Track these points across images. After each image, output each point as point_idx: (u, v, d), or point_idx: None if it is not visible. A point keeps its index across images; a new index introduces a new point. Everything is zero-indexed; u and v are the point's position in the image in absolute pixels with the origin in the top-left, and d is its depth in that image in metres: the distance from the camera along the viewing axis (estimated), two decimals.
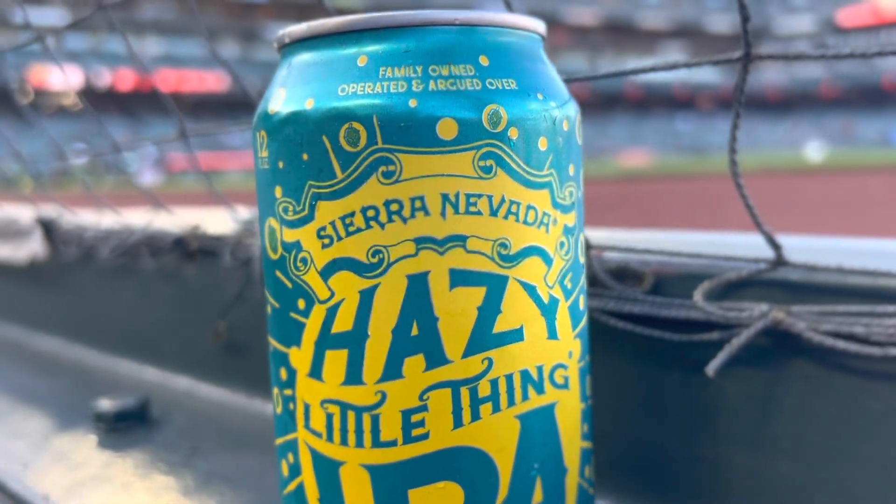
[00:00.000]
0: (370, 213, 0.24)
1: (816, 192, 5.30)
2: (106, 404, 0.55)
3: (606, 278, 0.35)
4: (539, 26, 0.27)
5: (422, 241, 0.24)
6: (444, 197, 0.24)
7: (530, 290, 0.25)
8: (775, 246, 0.29)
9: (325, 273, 0.24)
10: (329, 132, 0.24)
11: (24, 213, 0.87)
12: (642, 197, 5.31)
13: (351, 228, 0.24)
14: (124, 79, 40.74)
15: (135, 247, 0.67)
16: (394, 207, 0.24)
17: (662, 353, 0.34)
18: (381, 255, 0.24)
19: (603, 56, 60.17)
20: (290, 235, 0.25)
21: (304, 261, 0.25)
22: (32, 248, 0.81)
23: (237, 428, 0.54)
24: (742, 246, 0.33)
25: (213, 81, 43.13)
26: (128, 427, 0.54)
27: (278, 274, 0.26)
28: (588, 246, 0.37)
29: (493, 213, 0.24)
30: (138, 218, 0.74)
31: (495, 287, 0.24)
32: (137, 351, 0.70)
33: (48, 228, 0.80)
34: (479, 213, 0.24)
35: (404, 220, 0.24)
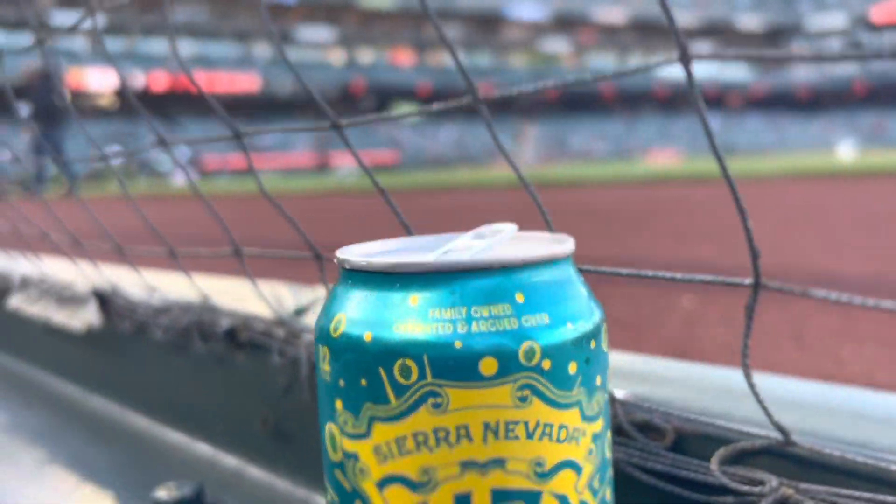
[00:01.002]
0: (420, 437, 0.27)
1: (846, 198, 5.22)
2: (164, 495, 0.59)
3: (631, 430, 0.38)
4: (569, 247, 0.31)
5: (466, 464, 0.27)
6: (486, 425, 0.27)
7: (562, 499, 0.28)
8: (783, 432, 0.32)
9: (381, 485, 0.28)
10: (385, 365, 0.27)
11: (80, 280, 0.92)
12: (673, 205, 5.27)
13: (403, 449, 0.27)
14: (158, 80, 41.32)
15: (186, 329, 0.72)
16: (441, 434, 0.27)
17: None
18: (430, 475, 0.27)
19: (631, 55, 59.77)
20: (349, 445, 0.29)
21: (361, 471, 0.28)
22: (88, 317, 0.86)
23: None
24: (756, 411, 0.36)
25: (244, 82, 43.59)
26: None
27: (338, 474, 0.30)
28: (613, 399, 0.40)
29: (529, 436, 0.27)
30: (190, 290, 0.78)
31: (531, 502, 0.28)
32: (189, 425, 0.75)
33: (103, 300, 0.85)
34: (516, 437, 0.27)
35: (451, 445, 0.27)
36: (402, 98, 50.82)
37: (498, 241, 0.32)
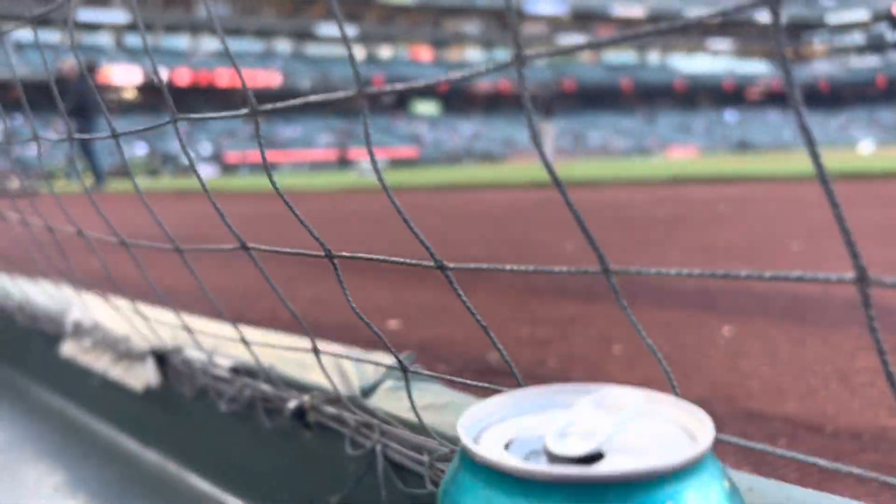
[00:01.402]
0: None
1: (870, 198, 5.15)
2: None
3: None
4: (709, 435, 0.30)
5: None
6: None
7: None
8: None
9: None
10: None
11: (135, 335, 0.92)
12: (699, 209, 5.21)
13: None
14: (181, 76, 41.74)
15: (251, 402, 0.72)
16: None
17: None
18: None
19: (651, 50, 59.30)
20: None
21: None
22: (147, 376, 0.86)
23: None
24: None
25: (266, 77, 43.88)
26: None
27: None
28: None
29: None
30: (249, 355, 0.78)
31: None
32: (249, 492, 0.75)
33: (161, 360, 0.85)
34: None
35: None
36: (420, 94, 50.83)
37: (628, 419, 0.31)
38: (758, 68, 59.57)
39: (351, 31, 49.50)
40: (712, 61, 60.22)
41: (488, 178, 12.05)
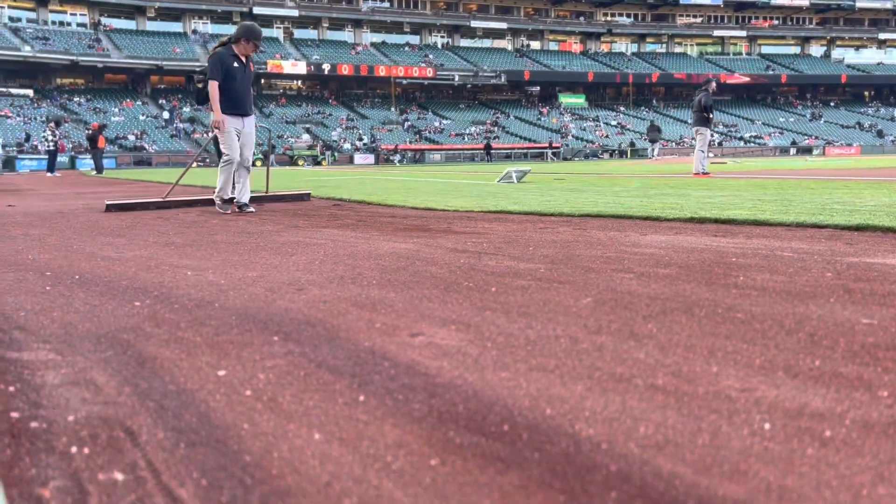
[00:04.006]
0: None
1: None
2: None
3: None
4: None
5: None
6: None
7: None
8: None
9: None
10: None
11: None
12: None
13: None
14: (342, 69, 46.67)
15: None
16: None
17: None
18: None
19: (813, 41, 57.83)
20: None
21: None
22: None
23: None
24: None
25: (418, 69, 48.82)
26: None
27: None
28: None
29: None
30: None
31: None
32: None
33: None
34: None
35: None
36: (567, 84, 53.80)
37: None
38: None
39: (501, 24, 53.36)
40: (884, 55, 57.64)
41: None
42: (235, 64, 5.28)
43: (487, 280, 2.27)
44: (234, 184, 5.44)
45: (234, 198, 5.44)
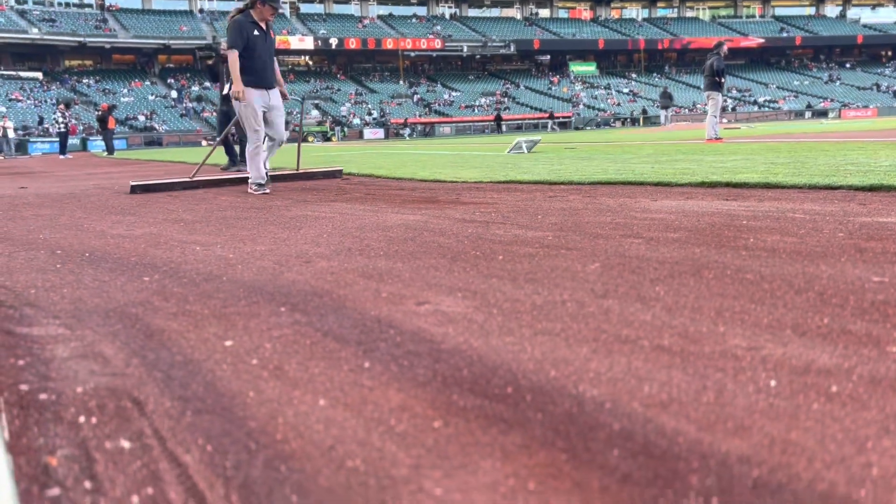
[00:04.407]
0: None
1: None
2: None
3: None
4: None
5: None
6: None
7: None
8: None
9: None
10: None
11: None
12: None
13: None
14: (349, 43, 47.12)
15: None
16: None
17: None
18: None
19: (829, 1, 56.83)
20: None
21: None
22: None
23: None
24: None
25: (426, 40, 48.56)
26: None
27: None
28: None
29: None
30: None
31: None
32: None
33: None
34: None
35: None
36: (577, 52, 53.28)
37: None
38: None
39: None
40: None
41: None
42: (256, 32, 4.86)
43: (494, 249, 2.26)
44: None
45: (268, 175, 5.03)
